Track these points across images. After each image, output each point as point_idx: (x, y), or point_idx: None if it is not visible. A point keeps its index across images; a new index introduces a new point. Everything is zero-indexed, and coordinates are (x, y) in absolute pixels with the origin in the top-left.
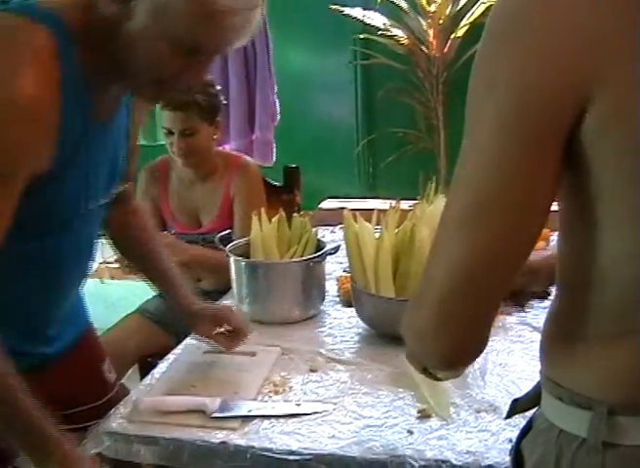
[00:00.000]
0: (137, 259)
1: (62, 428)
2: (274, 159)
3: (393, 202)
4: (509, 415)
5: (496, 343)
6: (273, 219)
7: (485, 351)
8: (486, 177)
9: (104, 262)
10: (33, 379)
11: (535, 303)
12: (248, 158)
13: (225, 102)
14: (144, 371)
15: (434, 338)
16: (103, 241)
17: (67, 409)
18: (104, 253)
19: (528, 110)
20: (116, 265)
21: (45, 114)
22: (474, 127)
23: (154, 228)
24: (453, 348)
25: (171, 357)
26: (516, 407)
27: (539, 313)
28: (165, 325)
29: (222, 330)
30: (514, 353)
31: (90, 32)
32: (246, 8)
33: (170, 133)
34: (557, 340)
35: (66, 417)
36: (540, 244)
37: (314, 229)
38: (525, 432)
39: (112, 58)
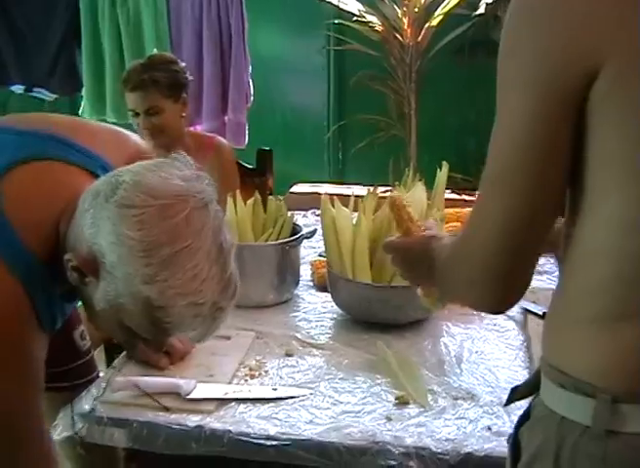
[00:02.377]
0: None
1: None
2: (246, 141)
3: (366, 187)
4: (508, 403)
5: (471, 331)
6: (248, 202)
7: (460, 339)
8: (511, 139)
9: None
10: None
11: None
12: (221, 139)
13: (192, 79)
14: (110, 354)
15: (485, 289)
16: None
17: None
18: None
19: (545, 74)
20: None
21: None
22: (500, 92)
23: None
24: (500, 296)
25: None
26: (515, 394)
27: None
28: None
29: None
30: (489, 341)
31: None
32: (200, 329)
33: (136, 114)
34: (560, 327)
35: None
36: None
37: (290, 213)
38: (523, 420)
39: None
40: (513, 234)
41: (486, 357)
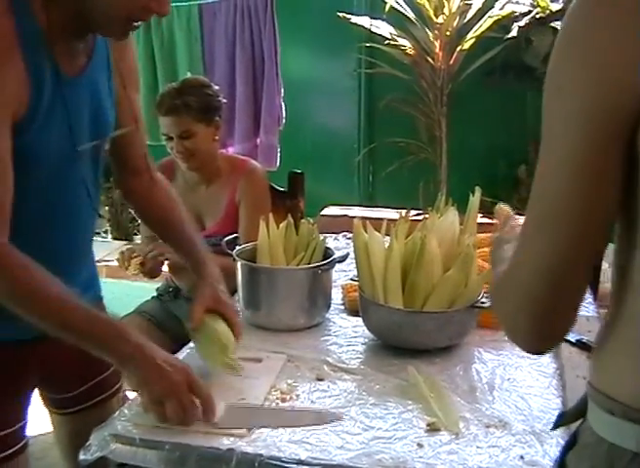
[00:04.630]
0: (158, 228)
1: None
2: (278, 163)
3: (397, 211)
4: (555, 427)
5: (503, 358)
6: (281, 225)
7: (492, 365)
8: (556, 180)
9: (101, 260)
10: (37, 349)
11: None
12: (254, 162)
13: (225, 102)
14: None
15: (525, 331)
16: (99, 239)
17: (61, 393)
18: (101, 252)
19: (592, 114)
20: (114, 264)
21: (9, 64)
22: (546, 130)
23: (176, 198)
24: (541, 338)
25: None
26: (563, 420)
27: None
28: (164, 328)
29: None
30: (522, 368)
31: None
32: None
33: (169, 138)
34: (608, 353)
35: (62, 400)
36: None
37: (321, 236)
38: (569, 446)
39: (76, 7)
40: (557, 275)
41: (518, 384)
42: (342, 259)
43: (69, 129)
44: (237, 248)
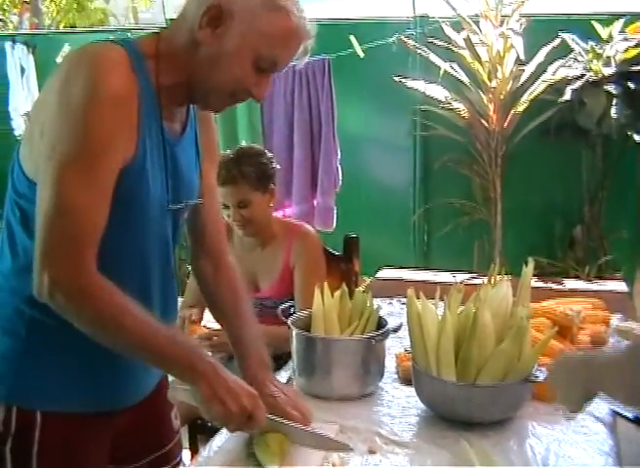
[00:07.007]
0: (217, 316)
1: None
2: (334, 225)
3: (452, 273)
4: None
5: (557, 433)
6: (335, 294)
7: (547, 441)
8: None
9: None
10: (110, 421)
11: None
12: (309, 226)
13: (279, 167)
14: (193, 433)
15: None
16: None
17: (122, 464)
18: None
19: None
20: None
21: (128, 106)
22: None
23: (243, 290)
24: None
25: None
26: None
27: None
28: None
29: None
30: (578, 445)
31: (166, 56)
32: (312, 34)
33: (226, 206)
34: None
35: None
36: (601, 328)
37: (375, 305)
38: None
39: (187, 77)
40: None
41: (573, 462)
42: (396, 330)
43: (165, 187)
44: (292, 316)
